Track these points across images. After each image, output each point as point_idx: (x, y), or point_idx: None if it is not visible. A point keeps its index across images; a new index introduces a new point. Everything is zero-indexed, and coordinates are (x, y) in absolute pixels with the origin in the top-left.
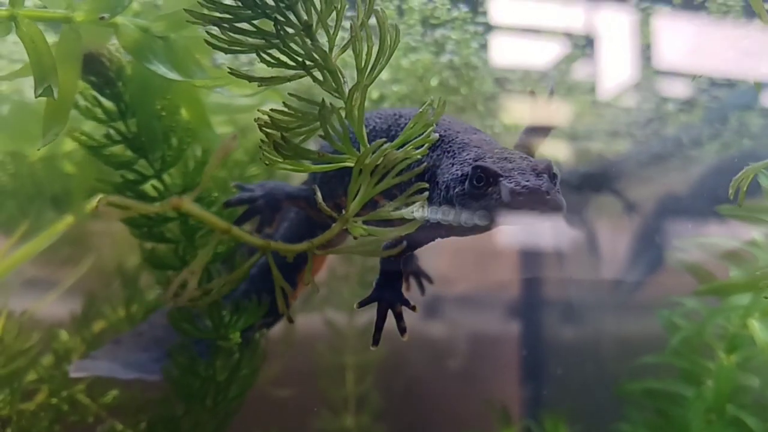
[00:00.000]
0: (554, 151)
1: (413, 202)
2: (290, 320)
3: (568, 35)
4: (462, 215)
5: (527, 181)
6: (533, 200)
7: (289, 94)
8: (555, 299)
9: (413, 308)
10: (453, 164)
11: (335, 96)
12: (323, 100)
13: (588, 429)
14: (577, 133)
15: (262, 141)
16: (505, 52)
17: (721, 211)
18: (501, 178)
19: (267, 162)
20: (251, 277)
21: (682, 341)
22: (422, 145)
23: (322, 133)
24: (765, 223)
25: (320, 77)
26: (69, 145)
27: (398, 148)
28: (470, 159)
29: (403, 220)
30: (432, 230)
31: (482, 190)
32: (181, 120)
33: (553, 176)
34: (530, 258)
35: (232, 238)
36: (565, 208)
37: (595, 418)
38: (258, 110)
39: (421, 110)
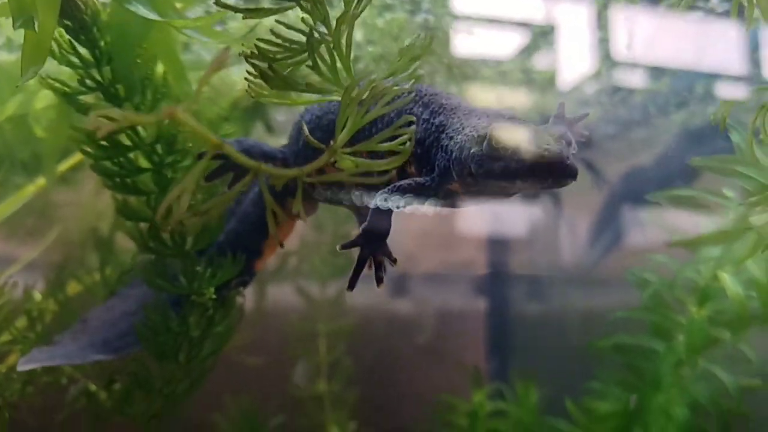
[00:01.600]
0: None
1: (400, 135)
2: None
3: (529, 25)
4: (478, 177)
5: (548, 144)
6: (553, 164)
7: (277, 21)
8: (521, 275)
9: (394, 261)
10: (464, 127)
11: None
12: (311, 29)
13: (557, 392)
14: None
15: (248, 72)
16: (467, 43)
17: (694, 162)
18: (523, 141)
19: (253, 95)
20: (226, 233)
21: (653, 296)
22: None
23: (310, 63)
24: (736, 175)
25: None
26: (40, 102)
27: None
28: (485, 122)
29: (391, 153)
30: (451, 197)
31: (501, 152)
32: (157, 71)
33: (569, 143)
34: (496, 236)
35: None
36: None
37: (563, 384)
38: (243, 44)
39: (407, 44)
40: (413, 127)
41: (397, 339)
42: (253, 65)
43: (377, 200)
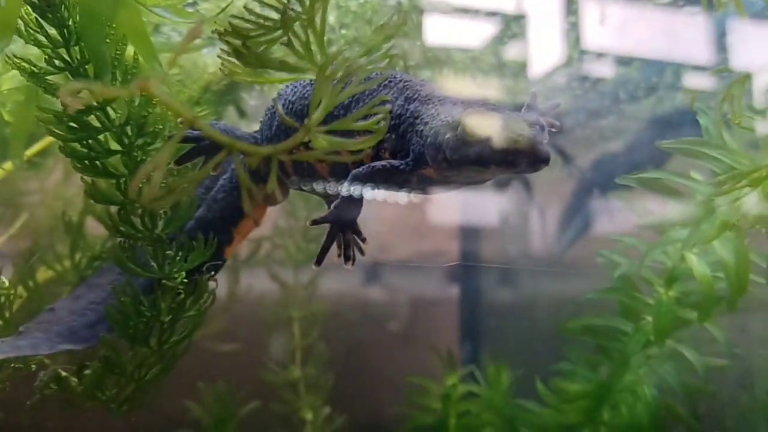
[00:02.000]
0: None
1: (377, 113)
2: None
3: (499, 14)
4: (451, 161)
5: (522, 130)
6: (527, 150)
7: None
8: (492, 264)
9: (364, 240)
10: (439, 112)
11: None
12: (284, 6)
13: (528, 376)
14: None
15: (222, 50)
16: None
17: (663, 146)
18: (496, 126)
19: (227, 72)
20: (196, 219)
21: (621, 277)
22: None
23: (284, 41)
24: (704, 157)
25: None
26: (5, 84)
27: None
28: (459, 108)
29: (365, 132)
30: (425, 182)
31: (475, 138)
32: (127, 52)
33: (542, 128)
34: (468, 225)
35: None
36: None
37: (533, 368)
38: (215, 22)
39: (382, 23)
40: (388, 106)
41: (371, 326)
42: (227, 42)
43: (350, 179)
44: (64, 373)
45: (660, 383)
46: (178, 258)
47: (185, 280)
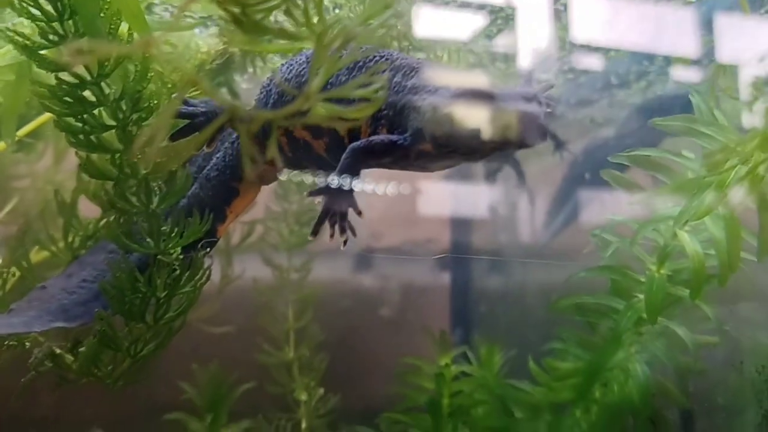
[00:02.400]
0: None
1: (372, 82)
2: None
3: (488, 6)
4: (449, 136)
5: (520, 105)
6: (526, 123)
7: None
8: (483, 251)
9: (359, 213)
10: (438, 88)
11: None
12: None
13: (520, 359)
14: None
15: (221, 18)
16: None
17: (656, 123)
18: (495, 101)
19: (225, 42)
20: (188, 197)
21: (613, 255)
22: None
23: (283, 9)
24: (696, 134)
25: None
26: None
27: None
28: (457, 84)
29: (363, 101)
30: (423, 158)
31: (474, 111)
32: (121, 27)
33: (539, 103)
34: (459, 214)
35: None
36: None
37: (524, 352)
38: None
39: None
40: (387, 74)
41: (362, 312)
42: (226, 10)
43: (348, 152)
44: (58, 350)
45: (651, 361)
46: (173, 234)
47: (180, 257)
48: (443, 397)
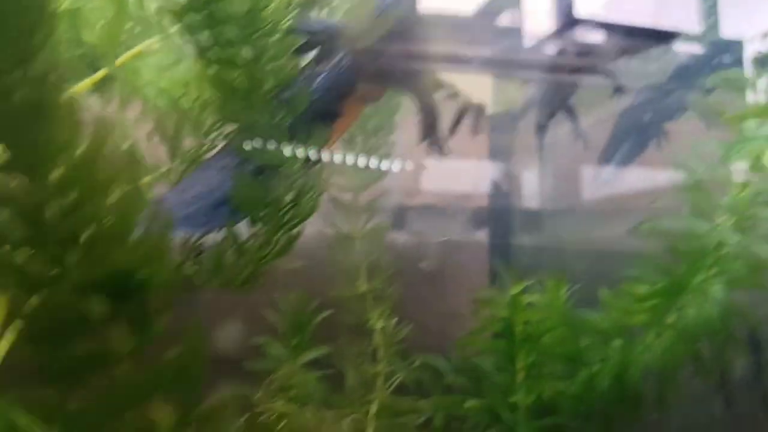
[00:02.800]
0: None
1: None
2: None
3: None
4: None
5: None
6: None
7: None
8: (520, 209)
9: None
10: None
11: None
12: None
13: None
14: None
15: None
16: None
17: (711, 81)
18: None
19: None
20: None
21: (693, 178)
22: None
23: None
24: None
25: None
26: None
27: None
28: None
29: None
30: None
31: None
32: None
33: None
34: (498, 167)
35: None
36: None
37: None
38: None
39: None
40: None
41: (402, 266)
42: None
43: None
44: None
45: (729, 281)
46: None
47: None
48: (516, 324)
